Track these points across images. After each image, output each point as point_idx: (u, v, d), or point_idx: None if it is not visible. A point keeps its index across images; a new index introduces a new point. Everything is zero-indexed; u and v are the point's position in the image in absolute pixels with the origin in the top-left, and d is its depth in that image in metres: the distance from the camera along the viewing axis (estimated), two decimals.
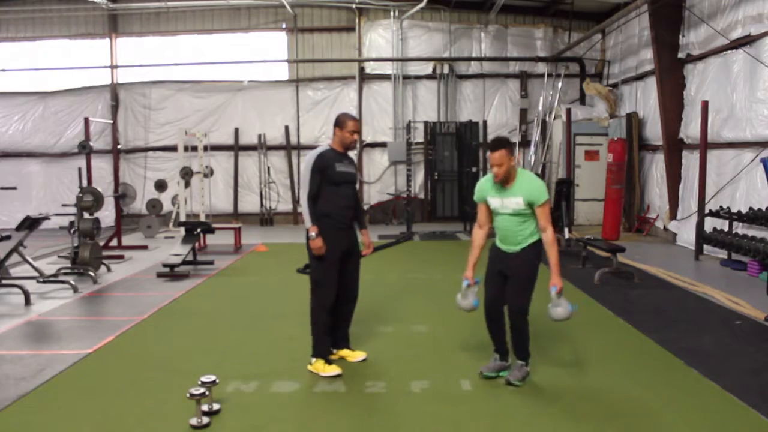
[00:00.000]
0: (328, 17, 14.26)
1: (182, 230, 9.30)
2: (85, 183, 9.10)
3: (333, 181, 4.31)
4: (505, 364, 4.16)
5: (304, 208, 4.31)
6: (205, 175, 12.33)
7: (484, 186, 4.07)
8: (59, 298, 6.79)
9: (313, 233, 4.25)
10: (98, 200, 8.41)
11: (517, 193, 3.89)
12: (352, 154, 14.81)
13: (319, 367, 4.33)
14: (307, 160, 4.33)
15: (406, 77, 14.14)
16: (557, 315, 3.90)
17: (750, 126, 8.13)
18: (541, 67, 14.01)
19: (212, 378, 3.65)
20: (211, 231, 9.28)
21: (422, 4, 13.04)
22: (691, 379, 4.13)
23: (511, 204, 3.91)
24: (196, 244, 9.14)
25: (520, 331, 3.99)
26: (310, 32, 14.27)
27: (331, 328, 4.53)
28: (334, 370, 4.31)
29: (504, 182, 3.91)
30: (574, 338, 5.06)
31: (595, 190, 12.30)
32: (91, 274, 7.63)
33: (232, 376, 4.21)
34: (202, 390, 3.50)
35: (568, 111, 12.52)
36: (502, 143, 3.87)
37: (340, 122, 4.42)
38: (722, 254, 8.47)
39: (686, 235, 9.72)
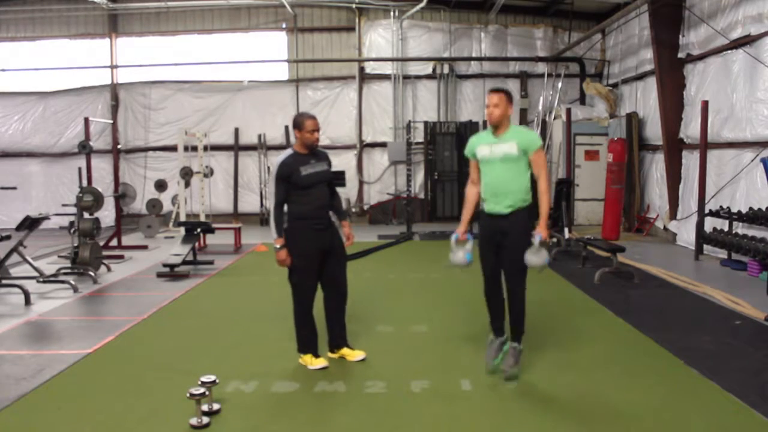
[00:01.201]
0: (328, 17, 14.26)
1: (182, 230, 9.30)
2: (85, 183, 9.10)
3: (301, 186, 4.28)
4: (502, 339, 4.24)
5: (271, 218, 4.33)
6: (205, 175, 12.33)
7: (474, 139, 4.14)
8: (59, 298, 6.80)
9: (277, 245, 4.28)
10: (98, 200, 8.41)
11: (509, 140, 3.93)
12: (351, 154, 14.81)
13: (307, 360, 4.43)
14: (272, 170, 4.34)
15: (406, 77, 14.14)
16: (533, 263, 3.88)
17: (750, 126, 8.13)
18: (541, 67, 14.01)
19: (212, 378, 3.65)
20: (211, 231, 9.29)
21: (422, 4, 13.04)
22: (691, 379, 4.13)
23: (501, 150, 3.94)
24: (196, 244, 9.14)
25: (518, 302, 4.03)
26: (310, 32, 14.27)
27: (328, 329, 4.62)
28: (321, 362, 4.41)
29: (496, 130, 3.98)
30: (574, 338, 5.05)
31: (595, 190, 12.30)
32: (91, 274, 7.63)
33: (232, 376, 4.21)
34: (202, 390, 3.50)
35: (568, 111, 12.52)
36: (503, 89, 4.03)
37: (298, 124, 4.34)
38: (722, 254, 8.47)
39: (686, 235, 9.71)
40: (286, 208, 4.34)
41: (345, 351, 4.64)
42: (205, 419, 3.49)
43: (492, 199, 3.99)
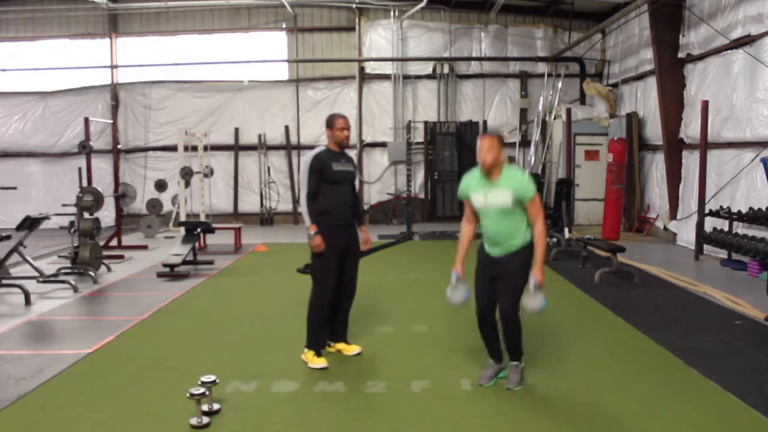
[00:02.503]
0: (328, 17, 14.26)
1: (182, 230, 9.30)
2: (85, 183, 9.10)
3: (330, 180, 4.47)
4: (501, 366, 4.13)
5: (303, 207, 4.49)
6: (205, 175, 12.33)
7: (468, 181, 3.96)
8: (59, 298, 6.80)
9: (311, 231, 4.42)
10: (98, 200, 8.41)
11: (503, 186, 3.77)
12: (352, 153, 14.82)
13: (309, 357, 4.48)
14: (305, 161, 4.51)
15: (406, 77, 14.14)
16: (530, 307, 3.77)
17: (750, 126, 8.13)
18: (541, 67, 14.01)
19: (212, 378, 3.65)
20: (211, 231, 9.28)
21: (422, 4, 13.05)
22: (691, 379, 4.13)
23: (496, 200, 3.79)
24: (196, 244, 9.14)
25: (512, 329, 3.93)
26: (310, 32, 14.27)
27: (328, 321, 4.67)
28: (321, 362, 4.44)
29: (489, 174, 3.81)
30: (574, 338, 5.06)
31: (595, 190, 12.30)
32: (91, 274, 7.63)
33: (232, 376, 4.21)
34: (202, 390, 3.50)
35: (568, 111, 12.52)
36: (494, 133, 3.93)
37: (329, 122, 4.62)
38: (722, 254, 8.47)
39: (686, 235, 9.72)
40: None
41: (341, 345, 4.74)
42: (205, 419, 3.49)
43: (491, 244, 3.93)
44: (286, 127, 14.25)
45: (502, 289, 3.88)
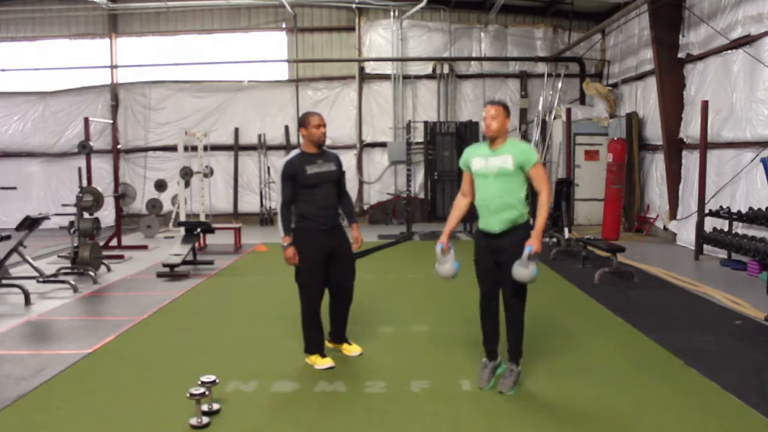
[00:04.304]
0: (328, 17, 14.26)
1: (182, 230, 9.30)
2: (85, 183, 9.09)
3: (306, 185, 4.30)
4: (496, 363, 4.11)
5: (278, 217, 4.35)
6: (205, 175, 12.33)
7: (469, 150, 4.02)
8: (59, 298, 6.80)
9: (284, 243, 4.29)
10: (98, 200, 8.41)
11: (505, 153, 3.81)
12: (351, 154, 14.78)
13: (314, 360, 4.45)
14: (278, 169, 4.36)
15: (406, 77, 14.14)
16: (521, 276, 3.69)
17: (750, 126, 8.13)
18: (541, 67, 14.01)
19: (212, 378, 3.65)
20: (211, 231, 9.28)
21: (422, 4, 13.05)
22: (691, 379, 4.13)
23: (496, 164, 3.81)
24: (196, 244, 9.14)
25: (516, 320, 3.92)
26: (310, 32, 14.27)
27: (330, 323, 4.67)
28: (327, 362, 4.41)
29: (492, 143, 3.87)
30: (573, 338, 5.06)
31: (595, 190, 12.30)
32: (91, 274, 7.63)
33: (232, 376, 4.21)
34: (202, 390, 3.50)
35: (568, 111, 12.52)
36: (501, 101, 3.95)
37: (303, 122, 4.41)
38: (722, 254, 8.47)
39: (686, 235, 9.71)
40: (293, 208, 4.38)
41: (342, 346, 4.74)
42: (205, 419, 3.49)
43: (486, 214, 3.88)
44: (286, 127, 14.25)
45: (505, 277, 3.83)
